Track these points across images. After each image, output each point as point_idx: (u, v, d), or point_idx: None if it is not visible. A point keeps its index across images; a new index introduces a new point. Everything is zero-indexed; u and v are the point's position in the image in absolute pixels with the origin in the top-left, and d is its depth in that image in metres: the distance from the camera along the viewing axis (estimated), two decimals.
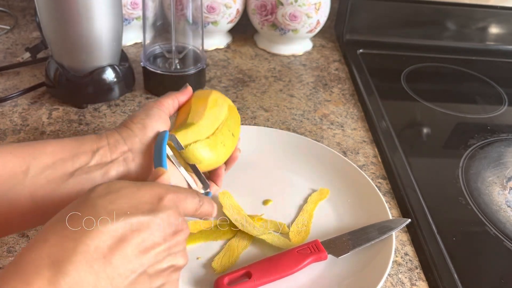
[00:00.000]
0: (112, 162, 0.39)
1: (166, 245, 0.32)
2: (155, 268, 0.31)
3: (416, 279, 0.48)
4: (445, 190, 0.59)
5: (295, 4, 0.81)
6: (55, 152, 0.38)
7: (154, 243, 0.31)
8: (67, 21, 0.60)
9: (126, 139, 0.41)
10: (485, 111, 0.78)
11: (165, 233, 0.32)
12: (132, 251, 0.30)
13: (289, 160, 0.60)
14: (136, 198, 0.32)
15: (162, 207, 0.32)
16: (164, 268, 0.32)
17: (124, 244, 0.29)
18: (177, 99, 0.48)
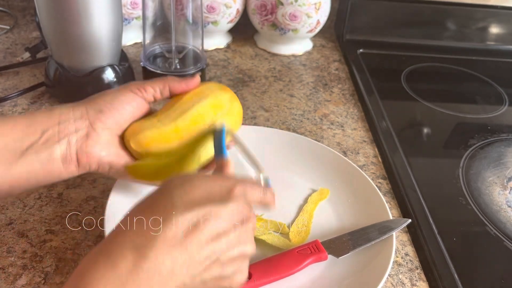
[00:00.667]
0: (58, 142, 0.40)
1: (236, 232, 0.34)
2: (227, 255, 0.33)
3: (416, 279, 0.48)
4: (446, 190, 0.59)
5: (295, 4, 0.81)
6: (6, 132, 0.39)
7: (225, 231, 0.33)
8: (67, 21, 0.59)
9: (76, 120, 0.41)
10: (485, 111, 0.78)
11: (235, 222, 0.34)
12: (205, 238, 0.32)
13: (289, 160, 0.60)
14: (208, 189, 0.34)
15: (232, 197, 0.34)
16: (235, 255, 0.34)
17: (198, 231, 0.32)
18: (168, 85, 0.45)
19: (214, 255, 0.33)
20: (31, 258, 0.46)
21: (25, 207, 0.51)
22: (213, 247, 0.32)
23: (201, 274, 0.32)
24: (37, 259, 0.46)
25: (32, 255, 0.46)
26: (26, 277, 0.44)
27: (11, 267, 0.45)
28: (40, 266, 0.45)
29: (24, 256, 0.46)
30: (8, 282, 0.43)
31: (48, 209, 0.51)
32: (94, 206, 0.52)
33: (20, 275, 0.44)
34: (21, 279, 0.43)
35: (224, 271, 0.34)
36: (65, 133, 0.41)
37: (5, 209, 0.50)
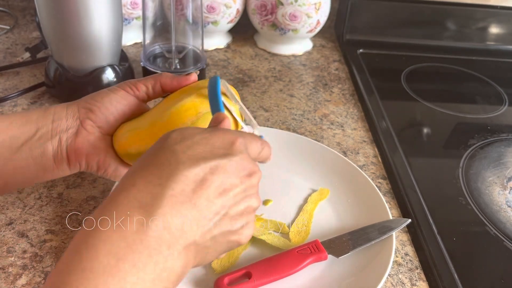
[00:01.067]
0: (51, 139, 0.41)
1: (242, 186, 0.33)
2: (235, 210, 0.33)
3: (416, 279, 0.48)
4: (445, 190, 0.59)
5: (295, 4, 0.81)
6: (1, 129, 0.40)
7: (231, 185, 0.32)
8: (67, 21, 0.59)
9: (68, 118, 0.42)
10: (485, 111, 0.78)
11: (240, 175, 0.33)
12: (213, 193, 0.31)
13: (289, 160, 0.60)
14: (210, 143, 0.33)
15: (235, 151, 0.33)
16: (243, 209, 0.33)
17: (206, 186, 0.31)
18: (159, 82, 0.44)
19: (223, 210, 0.32)
20: (31, 258, 0.46)
21: (25, 207, 0.51)
22: (221, 201, 0.32)
23: (211, 230, 0.32)
24: (37, 259, 0.46)
25: (32, 255, 0.46)
26: (26, 277, 0.44)
27: (11, 267, 0.45)
28: (40, 266, 0.45)
29: (24, 256, 0.46)
30: (8, 282, 0.43)
31: (48, 209, 0.51)
32: (94, 206, 0.52)
33: (20, 275, 0.44)
34: (21, 279, 0.43)
35: (233, 226, 0.33)
36: (57, 130, 0.41)
37: (5, 209, 0.50)
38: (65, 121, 0.42)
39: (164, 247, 0.29)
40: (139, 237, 0.28)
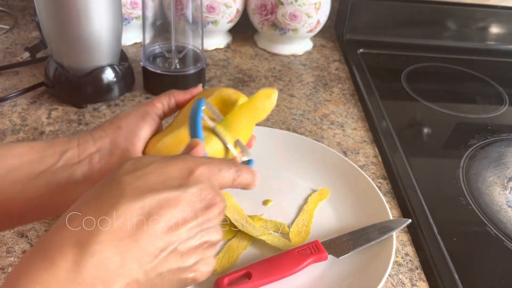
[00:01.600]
0: (78, 163, 0.39)
1: (198, 220, 0.30)
2: (187, 245, 0.30)
3: (416, 280, 0.48)
4: (446, 190, 0.59)
5: (295, 3, 0.81)
6: (23, 153, 0.37)
7: (184, 219, 0.30)
8: (67, 21, 0.59)
9: (96, 140, 0.40)
10: (486, 111, 0.78)
11: (196, 209, 0.31)
12: (160, 228, 0.29)
13: (289, 160, 0.59)
14: (164, 173, 0.31)
15: (192, 181, 0.31)
16: (197, 244, 0.31)
17: (151, 221, 0.28)
18: (173, 97, 0.46)
19: (171, 245, 0.29)
20: None
21: None
22: (170, 238, 0.29)
23: (157, 268, 0.29)
24: None
25: None
26: None
27: (10, 267, 0.44)
28: None
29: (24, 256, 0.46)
30: None
31: None
32: None
33: None
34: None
35: (184, 263, 0.30)
36: (85, 153, 0.39)
37: None
38: (92, 143, 0.40)
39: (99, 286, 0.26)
40: (73, 276, 0.26)
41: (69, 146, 0.39)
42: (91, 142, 0.40)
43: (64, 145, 0.39)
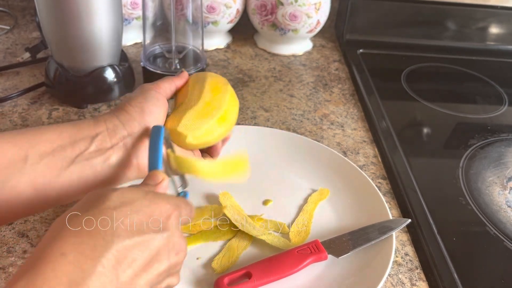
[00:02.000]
0: (112, 148, 0.39)
1: (167, 264, 0.32)
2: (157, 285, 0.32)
3: (416, 279, 0.48)
4: (445, 190, 0.59)
5: (295, 4, 0.81)
6: (53, 139, 0.38)
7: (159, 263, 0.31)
8: (67, 21, 0.59)
9: (125, 124, 0.40)
10: (485, 111, 0.78)
11: (169, 253, 0.32)
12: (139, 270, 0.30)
13: (289, 160, 0.60)
14: (148, 213, 0.32)
15: (168, 226, 0.32)
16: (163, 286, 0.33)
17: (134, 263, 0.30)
18: (174, 83, 0.47)
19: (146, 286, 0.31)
20: None
21: None
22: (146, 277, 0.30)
23: None
24: None
25: None
26: None
27: (11, 267, 0.45)
28: None
29: (24, 256, 0.46)
30: None
31: (48, 209, 0.51)
32: None
33: None
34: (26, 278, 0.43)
35: None
36: (117, 137, 0.40)
37: None
38: (122, 127, 0.40)
39: None
40: None
41: (99, 130, 0.39)
42: (120, 126, 0.40)
43: (93, 129, 0.39)
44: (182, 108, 0.46)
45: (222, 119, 0.46)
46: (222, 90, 0.48)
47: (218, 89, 0.48)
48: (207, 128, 0.44)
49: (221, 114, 0.46)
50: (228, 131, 0.48)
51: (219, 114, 0.46)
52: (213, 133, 0.45)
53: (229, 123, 0.47)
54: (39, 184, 0.36)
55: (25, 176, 0.36)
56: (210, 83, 0.48)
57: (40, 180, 0.36)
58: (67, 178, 0.37)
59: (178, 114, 0.45)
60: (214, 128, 0.45)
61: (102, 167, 0.38)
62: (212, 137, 0.46)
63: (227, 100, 0.47)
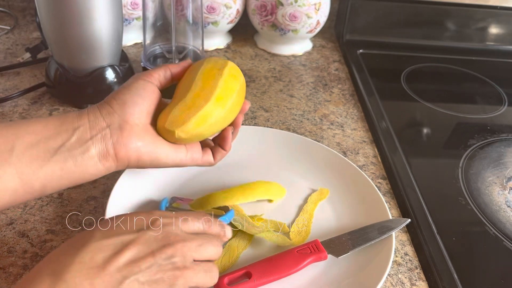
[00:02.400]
0: (91, 139, 0.40)
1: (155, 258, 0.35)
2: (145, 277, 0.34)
3: (416, 279, 0.48)
4: (445, 190, 0.59)
5: (295, 4, 0.81)
6: (38, 130, 0.39)
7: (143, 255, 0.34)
8: (67, 22, 0.60)
9: (105, 116, 0.42)
10: (485, 111, 0.78)
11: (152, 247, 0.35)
12: (124, 262, 0.33)
13: (289, 160, 0.60)
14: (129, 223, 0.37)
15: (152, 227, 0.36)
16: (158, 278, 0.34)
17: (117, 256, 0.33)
18: (169, 69, 0.47)
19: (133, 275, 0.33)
20: (31, 258, 0.46)
21: (26, 207, 0.51)
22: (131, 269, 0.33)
23: None
24: (37, 259, 0.46)
25: (33, 255, 0.46)
26: None
27: (11, 267, 0.45)
28: None
29: (24, 256, 0.46)
30: (8, 282, 0.43)
31: (49, 209, 0.51)
32: (95, 206, 0.52)
33: (20, 275, 0.44)
34: (21, 279, 0.44)
35: None
36: (97, 129, 0.41)
37: (6, 209, 0.51)
38: (102, 119, 0.42)
39: None
40: None
41: (81, 122, 0.41)
42: (100, 118, 0.41)
43: (76, 121, 0.41)
44: (173, 103, 0.45)
45: (212, 107, 0.44)
46: (215, 76, 0.45)
47: (211, 76, 0.45)
48: (196, 121, 0.43)
49: (211, 102, 0.44)
50: (228, 118, 0.46)
51: (208, 103, 0.44)
52: (205, 123, 0.44)
53: (224, 109, 0.45)
54: (24, 174, 0.38)
55: (11, 167, 0.37)
56: (203, 71, 0.46)
57: (25, 170, 0.38)
58: (50, 168, 0.39)
59: (167, 110, 0.44)
60: (204, 118, 0.43)
61: (83, 158, 0.40)
62: (205, 128, 0.44)
63: (220, 86, 0.45)
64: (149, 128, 0.44)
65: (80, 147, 0.40)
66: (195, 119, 0.43)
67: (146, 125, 0.43)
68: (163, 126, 0.43)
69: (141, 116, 0.43)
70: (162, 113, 0.44)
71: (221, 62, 0.47)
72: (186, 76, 0.47)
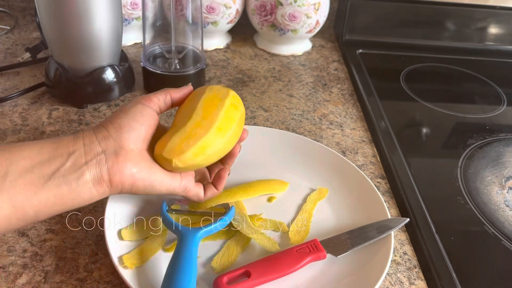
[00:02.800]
0: (86, 164, 0.39)
1: None
2: None
3: (414, 278, 0.48)
4: (444, 190, 0.60)
5: (295, 4, 0.82)
6: (33, 155, 0.38)
7: None
8: (67, 21, 0.60)
9: (100, 141, 0.41)
10: (484, 111, 0.78)
11: None
12: None
13: (288, 160, 0.60)
14: None
15: None
16: None
17: None
18: (169, 94, 0.46)
19: None
20: (31, 257, 0.46)
21: None
22: None
23: None
24: (37, 258, 0.46)
25: (33, 254, 0.46)
26: (26, 276, 0.44)
27: (11, 266, 0.45)
28: (41, 265, 0.45)
29: (24, 255, 0.46)
30: (8, 281, 0.43)
31: None
32: (94, 206, 0.52)
33: (20, 274, 0.44)
34: (21, 278, 0.44)
35: None
36: (92, 154, 0.40)
37: None
38: (97, 143, 0.40)
39: None
40: None
41: (76, 147, 0.40)
42: (96, 142, 0.40)
43: (71, 145, 0.40)
44: (172, 130, 0.44)
45: (212, 137, 0.43)
46: (217, 106, 0.45)
47: (213, 105, 0.45)
48: (195, 151, 0.42)
49: (211, 133, 0.43)
50: (227, 148, 0.45)
51: (208, 134, 0.43)
52: (204, 154, 0.43)
53: (223, 140, 0.44)
54: (17, 201, 0.36)
55: (5, 194, 0.36)
56: (205, 99, 0.45)
57: (19, 198, 0.36)
58: (44, 195, 0.37)
59: (166, 138, 0.43)
60: (203, 148, 0.43)
61: (77, 183, 0.39)
62: (203, 158, 0.43)
63: (221, 116, 0.44)
64: (145, 154, 0.43)
65: (74, 173, 0.39)
66: (194, 149, 0.42)
67: (142, 151, 0.42)
68: (161, 154, 0.42)
69: (137, 142, 0.42)
70: (161, 140, 0.44)
71: (223, 91, 0.47)
72: (187, 103, 0.46)
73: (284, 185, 0.56)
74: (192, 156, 0.43)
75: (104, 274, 0.45)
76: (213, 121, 0.44)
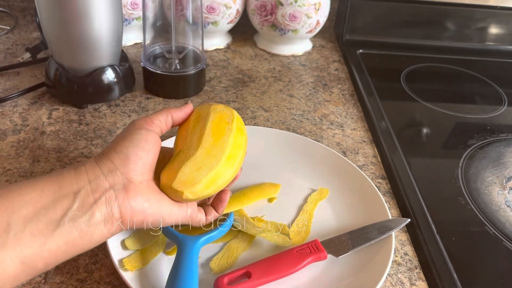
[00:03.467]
0: (95, 203, 0.36)
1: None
2: None
3: (415, 279, 0.48)
4: (445, 190, 0.59)
5: (295, 4, 0.82)
6: (35, 200, 0.34)
7: None
8: (67, 22, 0.60)
9: (107, 174, 0.37)
10: (485, 111, 0.78)
11: None
12: None
13: (289, 160, 0.60)
14: None
15: None
16: None
17: None
18: (170, 114, 0.44)
19: None
20: None
21: None
22: None
23: None
24: None
25: None
26: None
27: None
28: None
29: None
30: None
31: None
32: None
33: None
34: None
35: None
36: (100, 191, 0.36)
37: None
38: (103, 178, 0.37)
39: None
40: None
41: (81, 184, 0.36)
42: (101, 177, 0.37)
43: (75, 183, 0.36)
44: (180, 158, 0.42)
45: (223, 168, 0.42)
46: (225, 131, 0.43)
47: (221, 131, 0.43)
48: (206, 183, 0.41)
49: (222, 163, 0.42)
50: (232, 176, 0.44)
51: (219, 164, 0.42)
52: (215, 185, 0.42)
53: (232, 169, 0.43)
54: (25, 256, 0.32)
55: (10, 250, 0.32)
56: (212, 123, 0.44)
57: (27, 252, 0.32)
58: (54, 244, 0.34)
59: (175, 166, 0.41)
60: (215, 180, 0.42)
61: (88, 225, 0.35)
62: (213, 189, 0.42)
63: (230, 143, 0.43)
64: (152, 186, 0.40)
65: (84, 215, 0.35)
66: (205, 180, 0.41)
67: (149, 182, 0.40)
68: (170, 186, 0.40)
69: (144, 172, 0.39)
70: (168, 168, 0.41)
71: (227, 112, 0.45)
72: (189, 124, 0.44)
73: (276, 188, 0.55)
74: (203, 188, 0.41)
75: (105, 274, 0.45)
76: (223, 150, 0.42)
